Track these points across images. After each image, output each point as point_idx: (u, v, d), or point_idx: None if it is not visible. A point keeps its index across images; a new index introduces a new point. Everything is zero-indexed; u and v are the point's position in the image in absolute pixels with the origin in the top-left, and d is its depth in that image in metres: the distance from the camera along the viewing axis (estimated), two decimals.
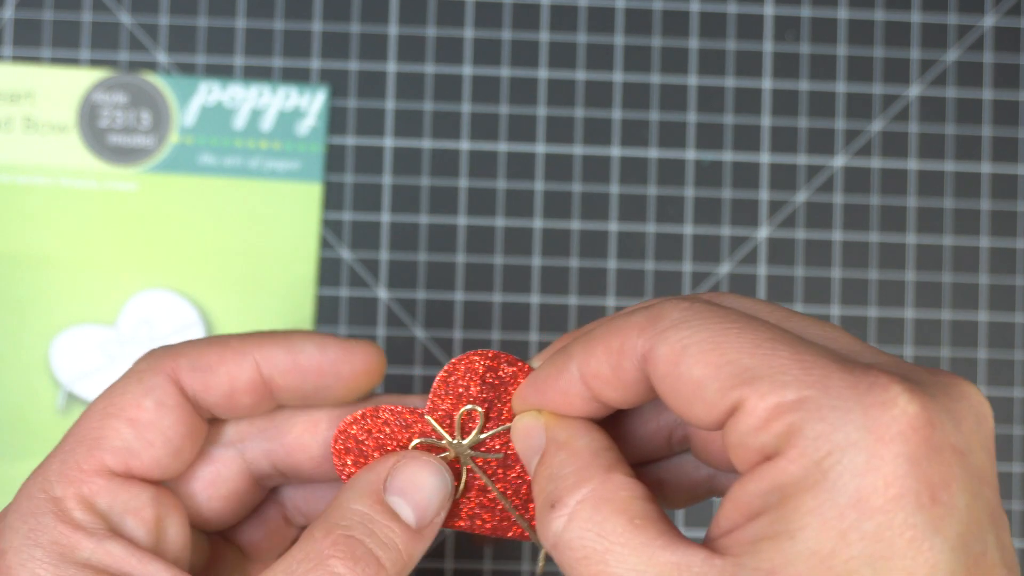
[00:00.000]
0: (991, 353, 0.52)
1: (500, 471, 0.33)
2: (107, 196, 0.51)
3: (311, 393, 0.32)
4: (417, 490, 0.31)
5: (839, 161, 0.53)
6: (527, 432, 0.30)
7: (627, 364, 0.29)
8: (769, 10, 0.53)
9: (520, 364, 0.32)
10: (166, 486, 0.32)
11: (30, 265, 0.50)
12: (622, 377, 0.29)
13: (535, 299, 0.52)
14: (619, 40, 0.53)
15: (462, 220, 0.52)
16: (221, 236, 0.51)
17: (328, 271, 0.51)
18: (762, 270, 0.52)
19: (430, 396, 0.33)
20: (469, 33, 0.53)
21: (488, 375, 0.32)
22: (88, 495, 0.30)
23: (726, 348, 0.27)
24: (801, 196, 0.53)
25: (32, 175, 0.51)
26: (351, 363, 0.32)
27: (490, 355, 0.32)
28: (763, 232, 0.52)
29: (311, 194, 0.51)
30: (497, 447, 0.33)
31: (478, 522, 0.33)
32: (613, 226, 0.52)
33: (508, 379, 0.32)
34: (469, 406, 0.32)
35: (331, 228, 0.52)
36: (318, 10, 0.52)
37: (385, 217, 0.52)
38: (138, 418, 0.31)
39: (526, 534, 0.33)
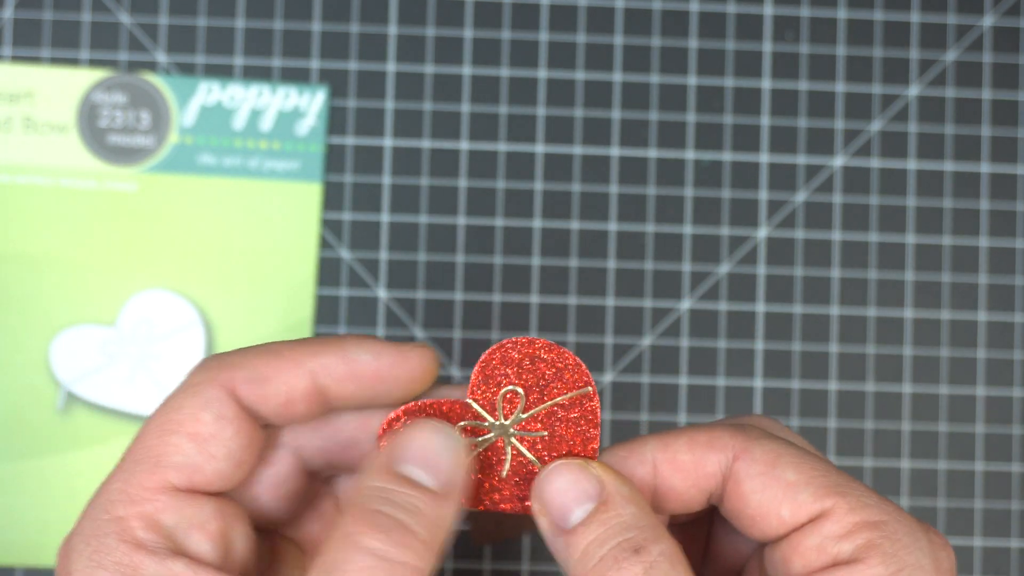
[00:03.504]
0: (990, 353, 0.53)
1: (545, 453, 0.33)
2: (107, 196, 0.51)
3: (367, 399, 0.32)
4: (425, 453, 0.31)
5: (838, 161, 0.53)
6: (574, 479, 0.31)
7: (713, 457, 0.32)
8: (768, 10, 0.53)
9: (556, 349, 0.33)
10: (229, 496, 0.32)
11: (30, 265, 0.50)
12: (701, 469, 0.32)
13: (534, 299, 0.52)
14: (619, 40, 0.53)
15: (461, 220, 0.52)
16: (221, 236, 0.51)
17: (328, 271, 0.51)
18: (761, 270, 0.52)
19: (469, 386, 0.33)
20: (469, 33, 0.53)
21: (525, 361, 0.33)
22: (152, 513, 0.30)
23: (815, 463, 0.31)
24: (800, 196, 0.53)
25: (32, 175, 0.51)
26: (406, 367, 0.32)
27: (523, 342, 0.33)
28: (762, 232, 0.53)
29: (311, 194, 0.51)
30: (539, 428, 0.33)
31: (527, 503, 0.33)
32: (612, 226, 0.52)
33: (544, 364, 0.33)
34: (510, 387, 0.33)
35: (331, 228, 0.52)
36: (318, 10, 0.52)
37: (385, 217, 0.52)
38: (198, 432, 0.31)
39: None
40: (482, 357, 0.33)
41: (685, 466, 0.32)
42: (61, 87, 0.51)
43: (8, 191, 0.51)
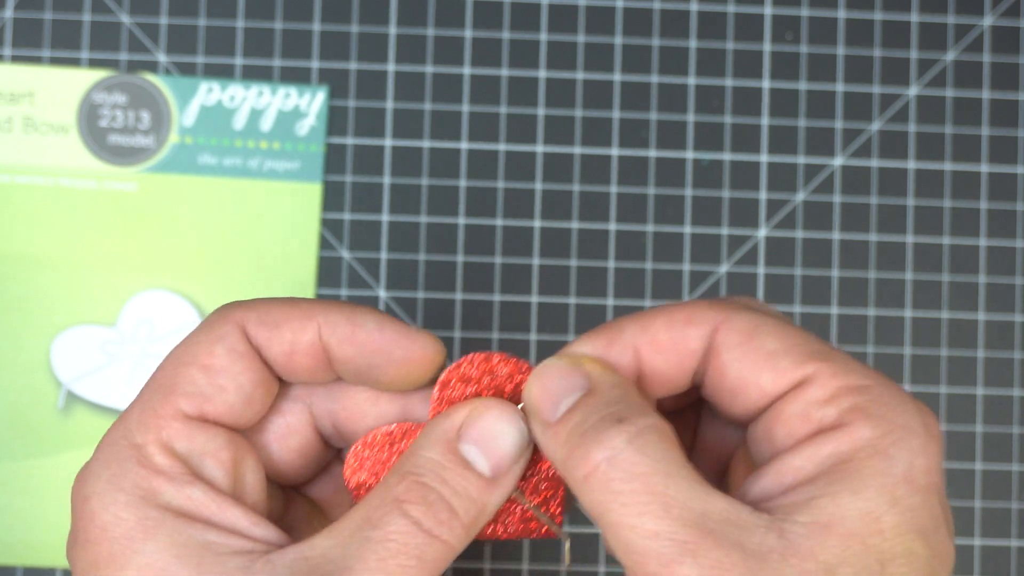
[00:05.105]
0: (990, 353, 0.53)
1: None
2: (107, 196, 0.51)
3: (364, 369, 0.32)
4: (492, 439, 0.31)
5: (838, 161, 0.53)
6: (562, 373, 0.30)
7: (694, 332, 0.31)
8: (768, 10, 0.53)
9: (514, 361, 0.32)
10: (241, 434, 0.32)
11: (30, 265, 0.50)
12: (682, 346, 0.31)
13: (534, 299, 0.52)
14: (618, 40, 0.53)
15: (462, 220, 0.52)
16: (221, 236, 0.51)
17: (328, 271, 0.51)
18: (761, 270, 0.52)
19: (431, 408, 0.33)
20: (469, 33, 0.53)
21: (484, 378, 0.32)
22: (167, 439, 0.30)
23: (793, 333, 0.30)
24: (800, 196, 0.53)
25: (32, 175, 0.51)
26: (404, 348, 0.32)
27: (480, 358, 0.32)
28: (762, 232, 0.53)
29: (311, 194, 0.51)
30: None
31: (500, 527, 0.33)
32: (612, 226, 0.52)
33: (504, 379, 0.32)
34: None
35: (331, 228, 0.52)
36: (318, 10, 0.52)
37: (385, 217, 0.52)
38: (210, 364, 0.31)
39: (552, 532, 0.33)
40: (440, 379, 0.32)
41: (666, 346, 0.31)
42: (61, 87, 0.51)
43: (8, 191, 0.51)
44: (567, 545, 0.33)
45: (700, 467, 0.32)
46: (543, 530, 0.33)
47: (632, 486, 0.28)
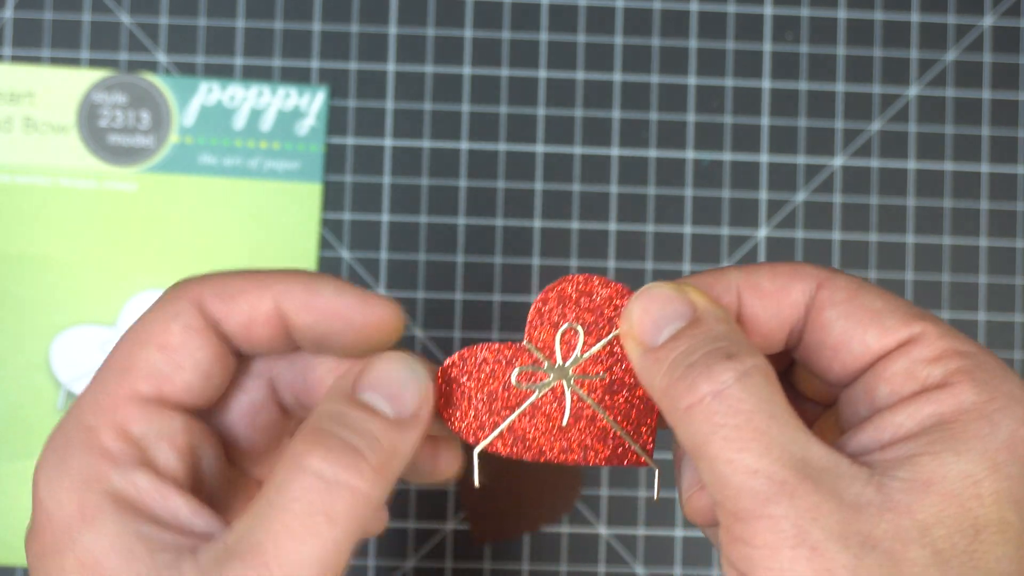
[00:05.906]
0: None
1: (606, 397, 0.32)
2: (107, 196, 0.51)
3: (323, 336, 0.32)
4: (388, 382, 0.30)
5: (838, 161, 0.53)
6: (667, 298, 0.30)
7: (797, 285, 0.31)
8: (768, 10, 0.53)
9: (615, 285, 0.32)
10: (200, 418, 0.32)
11: (30, 265, 0.50)
12: (784, 297, 0.31)
13: (534, 299, 0.52)
14: (618, 40, 0.53)
15: (462, 220, 0.52)
16: (221, 236, 0.51)
17: (328, 271, 0.51)
18: None
19: (526, 328, 0.32)
20: (469, 33, 0.53)
21: (583, 299, 0.32)
22: (122, 422, 0.30)
23: (895, 296, 0.30)
24: (800, 196, 0.53)
25: (32, 175, 0.51)
26: (364, 313, 0.31)
27: (581, 279, 0.32)
28: (762, 232, 0.53)
29: (311, 194, 0.51)
30: (600, 372, 0.32)
31: (591, 453, 0.32)
32: (612, 226, 0.52)
33: (603, 301, 0.32)
34: (567, 324, 0.32)
35: (331, 228, 0.52)
36: (318, 10, 0.52)
37: (385, 217, 0.52)
38: (167, 343, 0.31)
39: (642, 460, 0.32)
40: (538, 296, 0.32)
41: (768, 293, 0.31)
42: (61, 87, 0.51)
43: (8, 191, 0.51)
44: (657, 474, 0.33)
45: None
46: (633, 457, 0.33)
47: (736, 421, 0.27)
